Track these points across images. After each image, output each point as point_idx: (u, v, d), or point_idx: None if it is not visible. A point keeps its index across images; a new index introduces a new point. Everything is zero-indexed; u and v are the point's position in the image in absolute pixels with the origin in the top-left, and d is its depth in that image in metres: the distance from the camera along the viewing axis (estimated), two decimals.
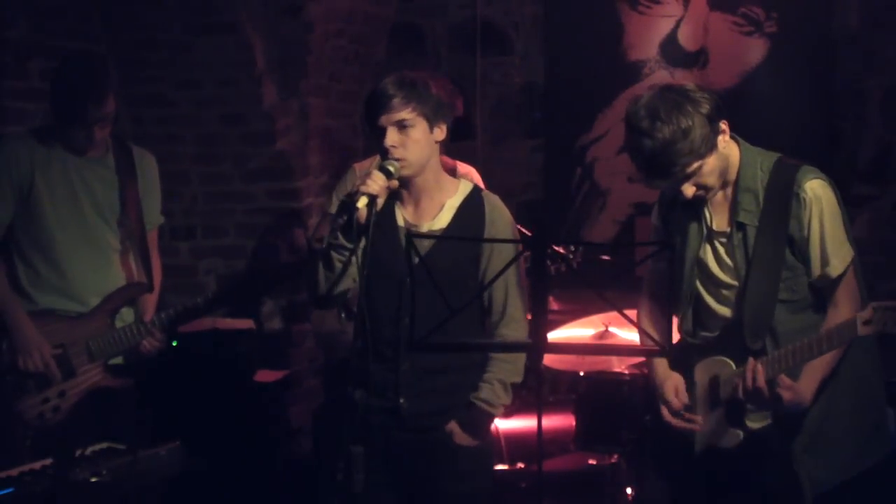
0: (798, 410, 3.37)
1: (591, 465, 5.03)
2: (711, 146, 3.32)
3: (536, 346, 3.06)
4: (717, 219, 3.51)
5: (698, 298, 3.56)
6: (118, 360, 4.24)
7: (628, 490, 4.86)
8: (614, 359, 5.07)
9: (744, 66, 6.31)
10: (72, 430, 4.05)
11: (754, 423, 3.44)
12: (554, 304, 5.20)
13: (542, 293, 3.03)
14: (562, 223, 6.59)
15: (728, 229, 3.48)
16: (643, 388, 4.84)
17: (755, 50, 6.29)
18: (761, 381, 3.32)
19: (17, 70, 4.94)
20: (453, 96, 3.74)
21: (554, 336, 4.87)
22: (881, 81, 6.05)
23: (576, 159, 6.61)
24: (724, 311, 3.52)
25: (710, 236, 3.51)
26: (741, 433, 3.44)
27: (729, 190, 3.47)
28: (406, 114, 3.45)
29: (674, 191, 3.44)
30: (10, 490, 3.18)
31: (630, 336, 4.95)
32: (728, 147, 3.41)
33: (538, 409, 3.10)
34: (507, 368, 3.59)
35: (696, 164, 3.31)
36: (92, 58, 4.32)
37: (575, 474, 5.05)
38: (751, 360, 3.36)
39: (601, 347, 4.88)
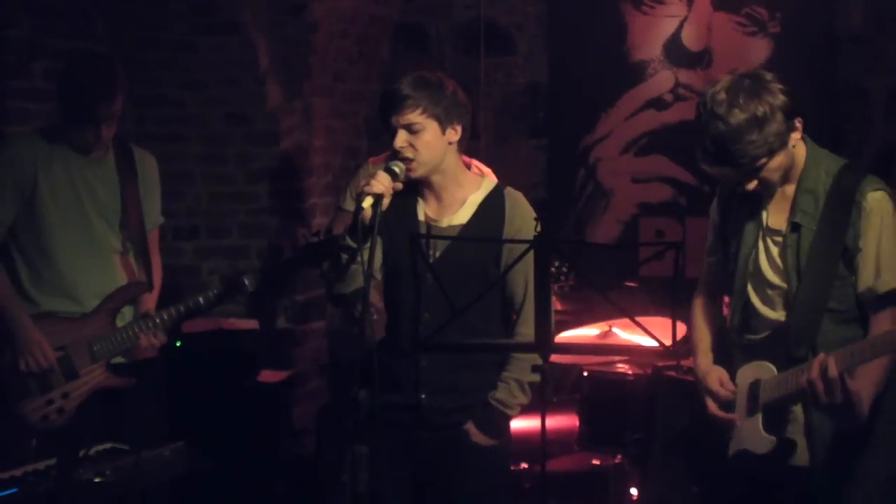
0: (854, 424, 3.18)
1: (595, 465, 5.03)
2: (783, 143, 3.21)
3: (541, 346, 3.05)
4: (774, 216, 3.38)
5: (746, 298, 3.43)
6: (120, 359, 4.23)
7: (632, 490, 4.86)
8: (618, 358, 5.07)
9: (747, 67, 6.25)
10: (77, 431, 4.04)
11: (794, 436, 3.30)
12: (557, 305, 5.19)
13: (545, 294, 3.02)
14: (566, 223, 6.59)
15: (783, 228, 3.35)
16: (646, 389, 4.85)
17: (759, 50, 6.29)
18: (834, 373, 3.09)
19: (19, 70, 4.93)
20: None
21: (557, 335, 4.86)
22: (885, 81, 6.04)
23: (579, 160, 6.61)
24: (769, 313, 3.38)
25: (765, 234, 3.39)
26: (775, 439, 3.30)
27: (791, 188, 3.34)
28: (415, 117, 3.43)
29: (734, 182, 3.32)
30: (14, 490, 3.18)
31: (632, 337, 4.95)
32: (797, 145, 3.29)
33: (542, 409, 3.09)
34: (524, 367, 3.52)
35: (764, 159, 3.20)
36: (100, 56, 4.31)
37: (578, 474, 5.06)
38: (822, 354, 3.15)
39: (606, 348, 4.87)
